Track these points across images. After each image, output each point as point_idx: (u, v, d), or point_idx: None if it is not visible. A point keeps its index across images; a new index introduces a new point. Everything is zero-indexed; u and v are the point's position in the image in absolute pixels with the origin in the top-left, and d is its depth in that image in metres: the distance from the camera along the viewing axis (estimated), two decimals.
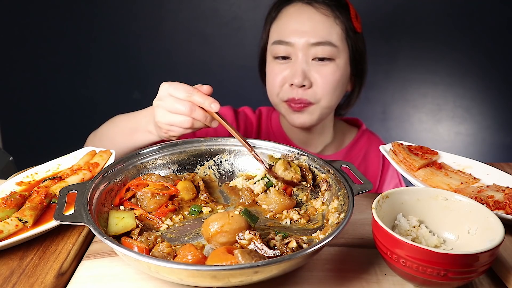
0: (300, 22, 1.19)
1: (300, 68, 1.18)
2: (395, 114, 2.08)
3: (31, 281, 0.64)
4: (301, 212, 0.80)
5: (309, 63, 1.20)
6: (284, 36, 1.20)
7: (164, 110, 0.89)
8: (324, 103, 1.23)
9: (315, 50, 1.18)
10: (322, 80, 1.19)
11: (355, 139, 1.42)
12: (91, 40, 2.07)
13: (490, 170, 0.91)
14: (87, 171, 0.88)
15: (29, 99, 2.19)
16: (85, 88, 2.15)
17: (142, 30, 2.03)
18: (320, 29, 1.18)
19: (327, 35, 1.18)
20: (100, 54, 2.09)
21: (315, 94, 1.21)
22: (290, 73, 1.20)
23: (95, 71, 2.12)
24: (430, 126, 2.07)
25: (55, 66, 2.12)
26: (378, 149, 1.32)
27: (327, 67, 1.19)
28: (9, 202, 0.76)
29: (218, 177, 0.91)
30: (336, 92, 1.23)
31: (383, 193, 0.70)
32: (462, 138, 2.07)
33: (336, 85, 1.22)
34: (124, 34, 2.05)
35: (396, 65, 2.00)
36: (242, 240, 0.64)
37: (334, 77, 1.20)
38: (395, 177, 1.42)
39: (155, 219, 0.77)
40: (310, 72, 1.19)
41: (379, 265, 0.69)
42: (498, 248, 0.59)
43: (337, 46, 1.19)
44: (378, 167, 1.40)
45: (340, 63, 1.21)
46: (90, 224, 0.62)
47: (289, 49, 1.20)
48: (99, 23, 2.03)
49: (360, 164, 1.39)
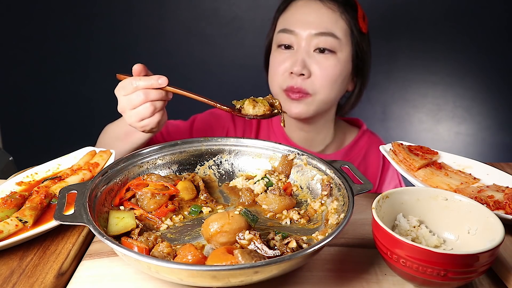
0: (306, 13, 1.22)
1: (301, 57, 1.21)
2: (395, 114, 2.08)
3: (31, 281, 0.64)
4: (301, 212, 0.80)
5: (311, 54, 1.21)
6: (289, 25, 1.24)
7: (128, 111, 0.93)
8: (321, 95, 1.23)
9: (317, 40, 1.20)
10: (321, 72, 1.21)
11: (356, 139, 1.42)
12: (91, 40, 2.07)
13: (490, 170, 0.91)
14: (87, 171, 0.88)
15: (29, 99, 2.19)
16: (85, 88, 2.15)
17: (142, 30, 2.03)
18: (324, 21, 1.20)
19: (330, 26, 1.20)
20: (100, 54, 2.09)
21: (313, 85, 1.22)
22: (291, 62, 1.22)
23: (95, 71, 2.12)
24: (430, 126, 2.07)
25: (55, 66, 2.12)
26: (379, 149, 1.35)
27: (328, 59, 1.21)
28: (9, 202, 0.76)
29: (218, 177, 0.91)
30: (334, 86, 1.24)
31: (383, 193, 0.70)
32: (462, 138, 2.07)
33: (335, 78, 1.23)
34: (124, 34, 2.05)
35: (396, 65, 2.00)
36: (242, 240, 0.64)
37: (334, 70, 1.22)
38: (395, 177, 1.42)
39: (155, 219, 0.76)
40: (311, 63, 1.21)
41: (379, 265, 0.69)
42: (498, 248, 0.59)
43: (339, 39, 1.21)
44: (378, 167, 1.41)
45: (341, 57, 1.22)
46: (90, 224, 0.62)
47: (292, 38, 1.22)
48: (99, 23, 2.03)
49: (360, 164, 1.39)
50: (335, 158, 1.34)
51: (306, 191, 0.85)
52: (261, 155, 0.91)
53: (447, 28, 1.91)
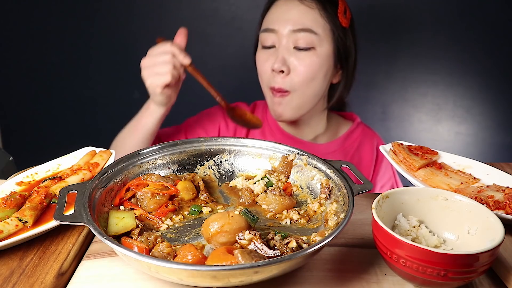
0: (285, 12, 1.27)
1: (281, 54, 1.25)
2: (395, 114, 2.08)
3: (31, 281, 0.64)
4: (301, 212, 0.80)
5: (291, 51, 1.25)
6: (270, 24, 1.29)
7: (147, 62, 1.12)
8: (299, 92, 1.27)
9: (296, 36, 1.24)
10: (300, 67, 1.24)
11: (349, 130, 1.47)
12: (91, 40, 2.06)
13: (490, 170, 0.91)
14: (87, 171, 0.88)
15: (29, 99, 2.19)
16: (85, 88, 2.15)
17: (142, 30, 2.03)
18: (303, 17, 1.25)
19: (308, 23, 1.24)
20: (100, 54, 2.09)
21: (292, 81, 1.26)
22: (273, 59, 1.27)
23: (95, 71, 2.12)
24: (430, 126, 2.07)
25: (55, 66, 2.12)
26: (372, 141, 1.44)
27: (307, 55, 1.24)
28: (9, 202, 0.76)
29: (218, 177, 0.91)
30: (314, 81, 1.27)
31: (383, 193, 0.70)
32: (462, 138, 2.07)
33: (314, 74, 1.26)
34: (124, 34, 2.04)
35: (396, 65, 2.00)
36: (242, 240, 0.64)
37: (313, 66, 1.25)
38: (389, 168, 1.46)
39: (155, 219, 0.76)
40: (290, 59, 1.25)
41: (379, 265, 0.69)
42: (498, 248, 0.59)
43: (318, 35, 1.24)
44: (372, 158, 1.45)
45: (321, 53, 1.25)
46: (90, 224, 0.62)
47: (274, 37, 1.27)
48: (99, 23, 2.03)
49: (354, 155, 1.44)
50: (328, 149, 1.42)
51: (306, 191, 0.85)
52: (261, 155, 0.91)
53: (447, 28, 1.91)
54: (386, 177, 1.46)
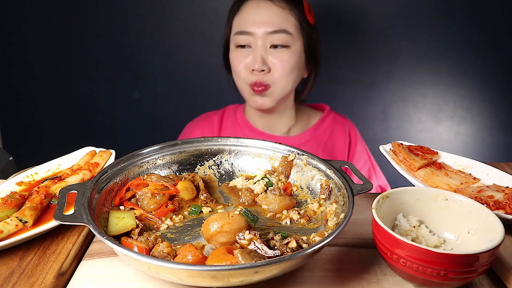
0: (259, 14, 1.34)
1: (259, 55, 1.34)
2: (395, 114, 2.07)
3: (31, 281, 0.64)
4: (301, 212, 0.80)
5: (268, 50, 1.35)
6: (245, 26, 1.35)
7: None
8: (280, 85, 1.37)
9: (272, 38, 1.33)
10: (279, 65, 1.35)
11: (320, 120, 1.55)
12: (91, 40, 2.06)
13: (490, 170, 0.91)
14: (87, 171, 0.88)
15: (29, 99, 2.19)
16: (85, 88, 2.15)
17: (142, 30, 2.03)
18: (276, 19, 1.33)
19: (282, 24, 1.33)
20: (100, 54, 2.09)
21: (273, 77, 1.36)
22: (251, 59, 1.35)
23: (95, 71, 2.12)
24: (430, 126, 2.07)
25: (55, 66, 2.12)
26: (344, 127, 1.53)
27: (284, 53, 1.35)
28: (9, 202, 0.76)
29: (218, 177, 0.91)
30: (291, 75, 1.38)
31: (383, 193, 0.70)
32: (462, 138, 2.07)
33: (291, 69, 1.37)
34: (124, 34, 2.04)
35: (396, 65, 2.00)
36: (242, 240, 0.64)
37: (290, 62, 1.35)
38: (364, 152, 1.55)
39: (155, 219, 0.76)
40: (268, 58, 1.35)
41: (379, 265, 0.69)
42: (498, 248, 0.59)
43: (292, 34, 1.34)
44: (345, 143, 1.53)
45: (295, 50, 1.36)
46: (90, 224, 0.62)
47: (250, 38, 1.35)
48: (99, 23, 2.03)
49: (327, 142, 1.51)
50: (301, 139, 1.51)
51: (306, 191, 0.85)
52: (261, 155, 0.91)
53: (447, 28, 1.91)
54: (362, 161, 1.53)
